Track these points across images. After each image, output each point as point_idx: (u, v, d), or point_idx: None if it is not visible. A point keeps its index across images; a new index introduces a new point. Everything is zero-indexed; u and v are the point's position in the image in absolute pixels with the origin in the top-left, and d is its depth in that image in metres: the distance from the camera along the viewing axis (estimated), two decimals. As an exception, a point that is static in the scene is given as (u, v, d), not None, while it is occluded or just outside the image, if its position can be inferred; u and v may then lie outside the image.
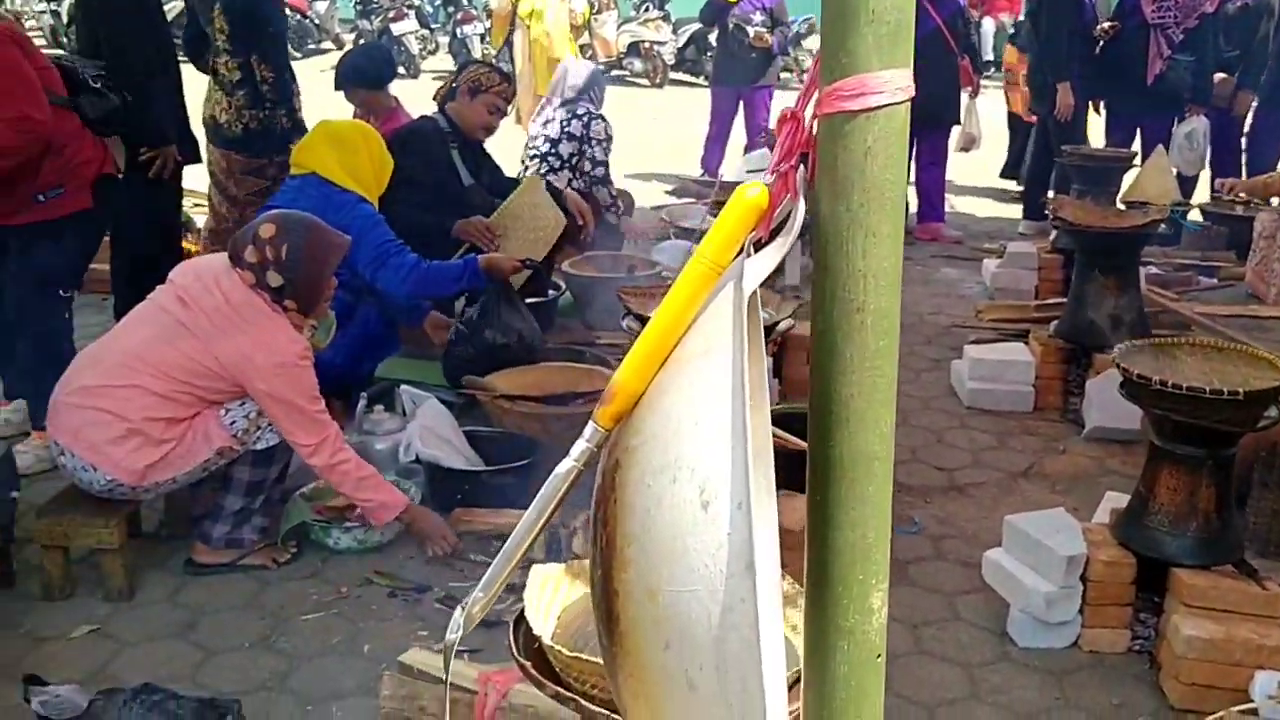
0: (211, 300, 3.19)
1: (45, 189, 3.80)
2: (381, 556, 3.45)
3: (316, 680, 2.85)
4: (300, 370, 3.20)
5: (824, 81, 0.92)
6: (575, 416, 3.93)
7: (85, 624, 3.08)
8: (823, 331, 0.96)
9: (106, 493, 3.16)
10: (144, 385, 3.12)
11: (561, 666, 1.56)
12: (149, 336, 3.18)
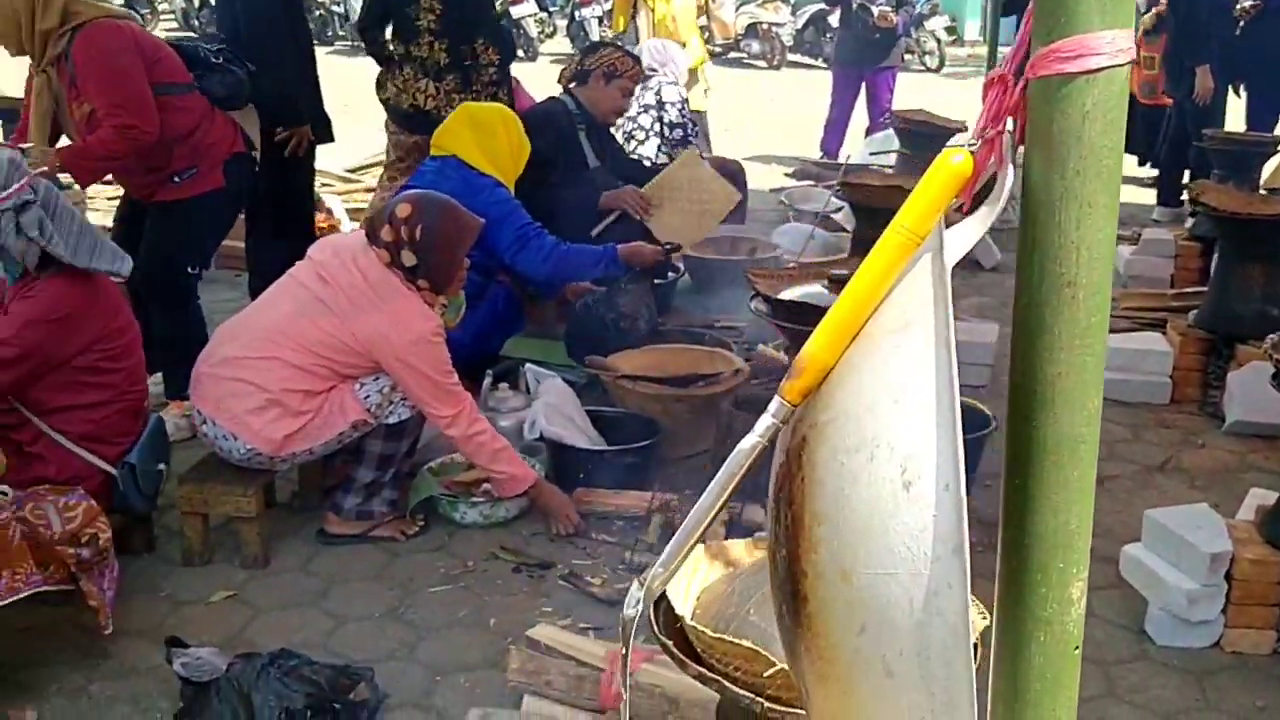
0: (349, 277, 3.25)
1: (180, 171, 3.91)
2: (506, 532, 3.48)
3: (444, 651, 2.88)
4: (434, 345, 3.24)
5: (1039, 41, 0.87)
6: (697, 399, 3.92)
7: (223, 590, 3.16)
8: (1028, 306, 0.91)
9: (245, 461, 3.24)
10: (283, 358, 3.19)
11: (704, 647, 1.54)
12: (289, 311, 3.25)
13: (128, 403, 3.11)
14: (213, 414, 3.23)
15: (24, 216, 2.83)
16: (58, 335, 2.93)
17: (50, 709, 2.63)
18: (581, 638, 2.69)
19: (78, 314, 2.97)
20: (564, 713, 2.50)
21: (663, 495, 3.44)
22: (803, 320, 2.90)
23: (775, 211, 7.49)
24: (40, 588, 2.50)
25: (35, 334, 2.91)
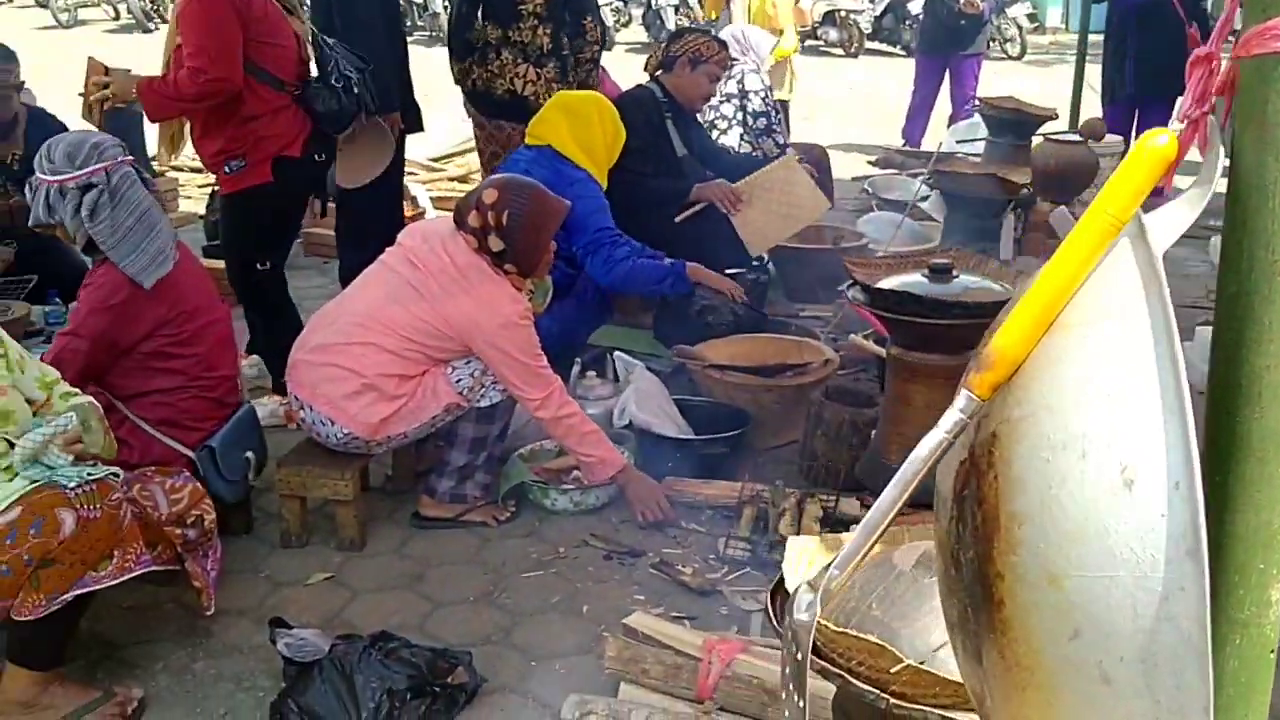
0: (438, 263, 3.27)
1: (231, 156, 3.91)
2: (596, 519, 3.49)
3: (538, 637, 2.90)
4: (523, 328, 3.26)
5: (1254, 19, 0.83)
6: (786, 389, 3.89)
7: (320, 572, 3.21)
8: (1234, 295, 0.88)
9: (342, 446, 3.29)
10: (377, 343, 3.22)
11: (825, 641, 1.52)
12: (381, 297, 3.29)
13: (203, 388, 3.15)
14: (309, 400, 3.27)
15: (85, 196, 2.90)
16: (118, 321, 2.98)
17: (155, 687, 2.69)
18: (679, 627, 2.68)
19: (134, 300, 2.99)
20: (661, 701, 2.49)
21: (753, 486, 3.42)
22: (902, 310, 2.86)
23: (858, 200, 7.41)
24: (149, 568, 2.55)
25: (98, 321, 2.98)
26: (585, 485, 3.52)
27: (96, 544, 2.41)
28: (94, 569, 2.42)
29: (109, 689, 2.62)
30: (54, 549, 2.35)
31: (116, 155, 2.97)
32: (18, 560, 2.33)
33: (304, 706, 2.48)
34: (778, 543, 3.21)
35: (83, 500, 2.44)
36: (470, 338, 3.23)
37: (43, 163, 2.92)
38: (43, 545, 2.35)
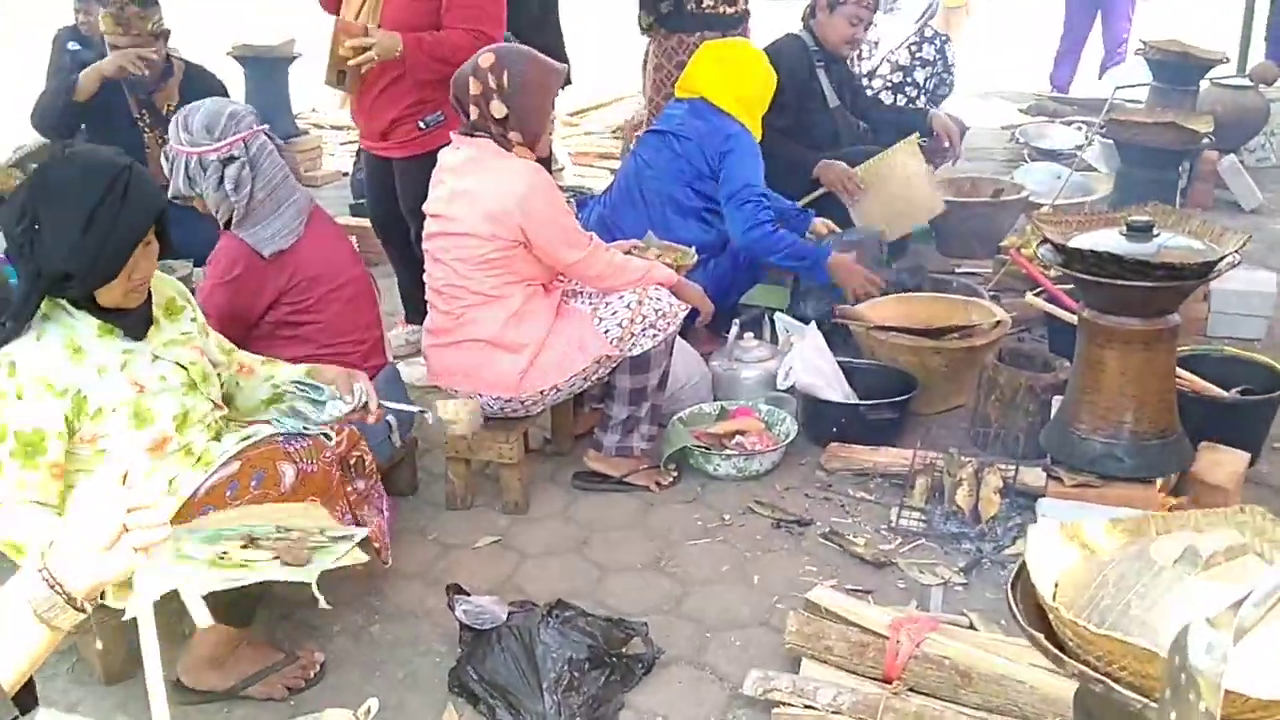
0: (459, 177, 3.20)
1: (429, 110, 3.88)
2: (760, 485, 3.41)
3: (711, 607, 2.84)
4: (546, 189, 3.17)
5: None
6: (956, 351, 3.74)
7: (487, 535, 3.20)
8: None
9: (501, 412, 3.26)
10: (470, 301, 3.20)
11: (1080, 642, 1.41)
12: (452, 257, 3.23)
13: (335, 354, 3.10)
14: (450, 384, 3.29)
15: (228, 170, 2.88)
16: (240, 295, 2.98)
17: (335, 649, 2.71)
18: (864, 604, 2.59)
19: (253, 271, 2.98)
20: (846, 680, 2.42)
21: (924, 454, 3.29)
22: (1101, 271, 2.69)
23: (1007, 149, 7.13)
24: (352, 527, 2.54)
25: (221, 297, 2.98)
26: (748, 452, 3.44)
27: (309, 499, 2.42)
28: None
29: (291, 651, 2.64)
30: (273, 501, 2.38)
31: (252, 125, 2.95)
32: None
33: (483, 674, 2.47)
34: (954, 513, 3.09)
35: (302, 455, 2.48)
36: (508, 224, 3.11)
37: (179, 133, 2.89)
38: (263, 497, 2.38)
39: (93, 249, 2.20)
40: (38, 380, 2.25)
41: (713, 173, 3.98)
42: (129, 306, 2.36)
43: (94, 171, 2.22)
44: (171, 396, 2.42)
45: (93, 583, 1.31)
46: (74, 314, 2.32)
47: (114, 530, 1.30)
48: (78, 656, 2.66)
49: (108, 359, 2.33)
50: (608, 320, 3.22)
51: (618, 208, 4.11)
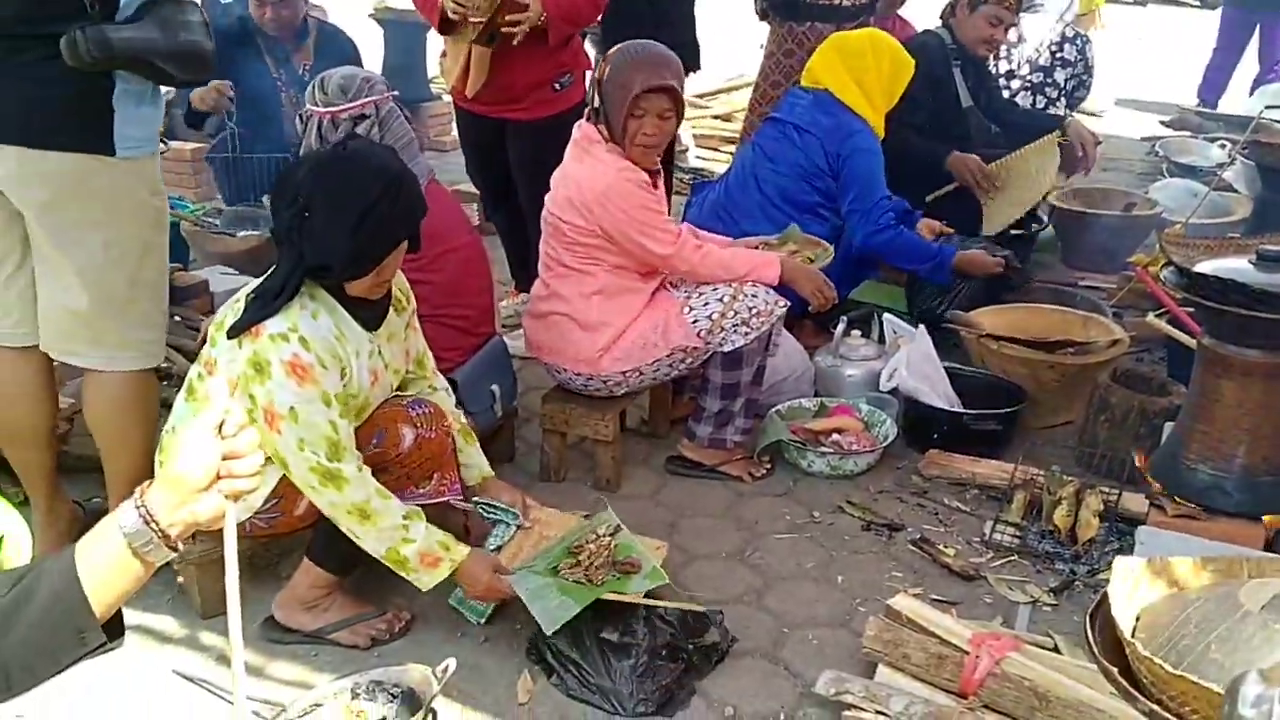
0: (568, 157, 3.24)
1: (562, 72, 3.93)
2: (853, 486, 3.39)
3: (792, 603, 2.83)
4: (629, 185, 3.13)
5: None
6: (1069, 367, 3.65)
7: (577, 509, 3.23)
8: None
9: (585, 389, 3.30)
10: (557, 273, 3.23)
11: (1154, 680, 1.38)
12: (548, 232, 3.28)
13: (448, 317, 3.17)
14: (539, 356, 3.34)
15: (358, 128, 2.98)
16: None
17: (420, 607, 2.77)
18: (947, 616, 2.55)
19: None
20: (920, 690, 2.39)
21: (1027, 469, 3.23)
22: (1225, 299, 2.60)
23: (1145, 162, 6.90)
24: (457, 497, 2.61)
25: None
26: (845, 451, 3.41)
27: (425, 463, 2.50)
28: (417, 485, 2.51)
29: (380, 605, 2.72)
30: (389, 460, 2.46)
31: (383, 91, 3.05)
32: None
33: (561, 649, 2.51)
34: (1050, 532, 3.03)
35: (422, 421, 2.56)
36: (582, 214, 3.14)
37: (315, 94, 3.00)
38: (380, 455, 2.45)
39: (357, 247, 2.30)
40: (325, 350, 2.35)
41: (831, 169, 3.93)
42: (372, 298, 2.46)
43: (373, 174, 2.31)
44: (382, 394, 2.56)
45: (185, 522, 1.36)
46: (333, 301, 2.43)
47: (208, 475, 1.35)
48: (178, 589, 2.78)
49: (359, 346, 2.45)
50: (698, 311, 3.21)
51: (733, 194, 4.09)
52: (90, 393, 2.67)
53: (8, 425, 2.72)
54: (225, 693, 2.44)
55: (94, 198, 2.48)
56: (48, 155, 2.42)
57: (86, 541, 1.38)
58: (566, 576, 2.55)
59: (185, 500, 1.36)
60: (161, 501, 1.36)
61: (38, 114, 2.40)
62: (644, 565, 2.63)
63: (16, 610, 1.33)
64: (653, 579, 2.60)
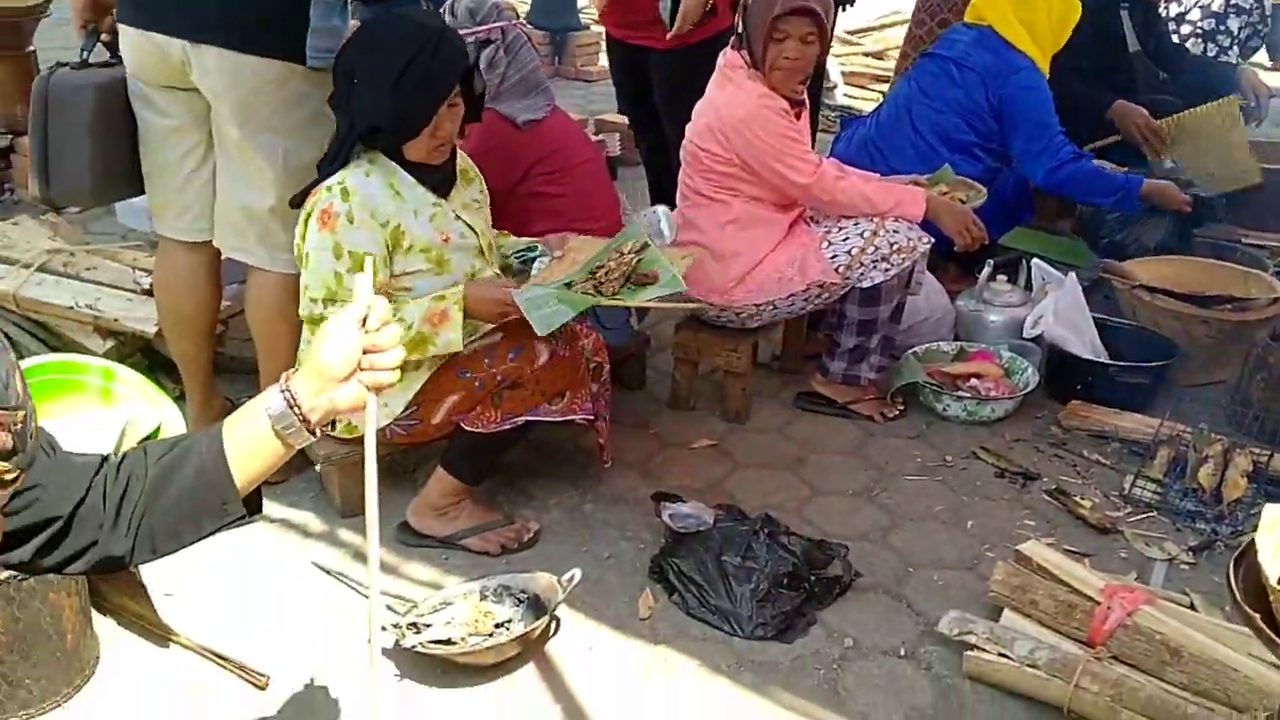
0: (711, 84, 3.21)
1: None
2: (989, 432, 3.32)
3: (918, 543, 2.80)
4: (768, 112, 3.08)
5: None
6: (1225, 323, 3.50)
7: (705, 438, 3.26)
8: None
9: (717, 320, 3.29)
10: (695, 201, 3.21)
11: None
12: (688, 158, 3.26)
13: (579, 230, 3.19)
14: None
15: (484, 51, 3.05)
16: (496, 165, 3.10)
17: (549, 520, 2.84)
18: (1078, 565, 2.50)
19: (509, 141, 3.17)
20: (1047, 636, 2.35)
21: (1173, 425, 3.11)
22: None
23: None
24: (587, 415, 2.64)
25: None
26: (982, 396, 3.34)
27: (558, 380, 2.55)
28: (549, 401, 2.56)
29: (509, 515, 2.79)
30: (525, 375, 2.51)
31: (511, 18, 3.13)
32: (491, 379, 2.51)
33: (683, 570, 2.54)
34: (1193, 490, 2.93)
35: (557, 338, 2.59)
36: (720, 141, 3.11)
37: (445, 17, 3.08)
38: (516, 370, 2.50)
39: (401, 103, 2.38)
40: (364, 206, 2.44)
41: (991, 109, 3.81)
42: (433, 163, 2.52)
43: (409, 31, 2.40)
44: (466, 255, 2.59)
45: (325, 408, 1.41)
46: (392, 164, 2.51)
47: (349, 364, 1.39)
48: (320, 488, 2.89)
49: (420, 206, 2.52)
50: (837, 247, 3.16)
51: (884, 131, 4.00)
52: (253, 291, 2.79)
53: (176, 317, 2.86)
54: (359, 586, 2.54)
55: (283, 103, 2.57)
56: (247, 59, 2.52)
57: (234, 420, 1.44)
58: (579, 290, 2.57)
59: (326, 388, 1.40)
60: (304, 387, 1.40)
61: (240, 18, 2.50)
62: (662, 276, 2.64)
63: (166, 477, 1.40)
64: (670, 287, 2.61)
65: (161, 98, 2.64)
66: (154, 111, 2.67)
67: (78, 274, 3.33)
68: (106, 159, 2.69)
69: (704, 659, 2.38)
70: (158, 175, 2.74)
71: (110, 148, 2.68)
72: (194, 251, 2.81)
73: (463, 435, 2.60)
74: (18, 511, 1.29)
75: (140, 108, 2.68)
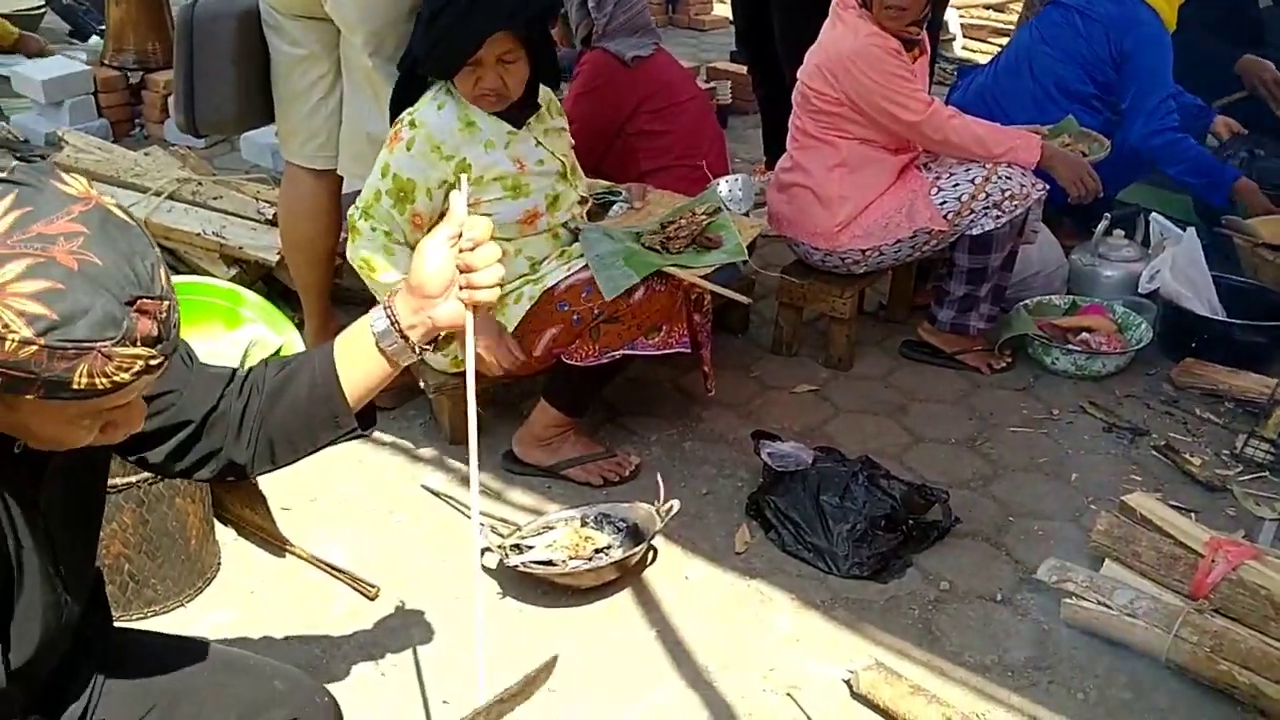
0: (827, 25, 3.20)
1: None
2: (1098, 387, 3.26)
3: (1019, 493, 2.78)
4: (877, 50, 3.04)
5: None
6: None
7: (806, 384, 3.26)
8: None
9: (823, 264, 3.28)
10: (801, 144, 3.21)
11: None
12: (799, 99, 3.24)
13: (686, 170, 3.26)
14: (778, 227, 3.32)
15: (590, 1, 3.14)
16: (603, 102, 3.19)
17: (649, 456, 2.89)
18: (1183, 517, 2.46)
19: (616, 78, 3.25)
20: (1148, 588, 2.32)
21: (1291, 385, 3.03)
22: None
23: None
24: (684, 349, 2.66)
25: (585, 107, 3.27)
26: (1093, 350, 3.28)
27: (654, 314, 2.57)
28: (645, 335, 2.59)
29: (610, 448, 2.84)
30: (621, 309, 2.54)
31: None
32: (589, 313, 2.55)
33: (781, 508, 2.56)
34: None
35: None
36: (829, 79, 3.09)
37: None
38: (613, 304, 2.53)
39: (432, 41, 2.46)
40: (428, 140, 2.51)
41: (1113, 60, 3.71)
42: (482, 108, 2.55)
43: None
44: (546, 179, 2.63)
45: (425, 325, 1.44)
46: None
47: (443, 282, 1.42)
48: (431, 415, 2.98)
49: (495, 136, 2.56)
50: (946, 193, 3.12)
51: (1001, 80, 3.92)
52: None
53: (298, 242, 2.97)
54: (465, 508, 2.63)
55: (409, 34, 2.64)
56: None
57: (343, 338, 1.49)
58: (646, 243, 2.66)
59: (423, 305, 1.43)
60: (404, 305, 1.44)
61: None
62: (727, 241, 2.72)
63: (283, 391, 1.47)
64: (732, 255, 2.69)
65: (294, 27, 2.73)
66: (286, 40, 2.75)
67: (205, 203, 3.46)
68: (246, 87, 2.81)
69: (798, 593, 2.41)
70: (287, 103, 2.83)
71: (249, 76, 2.80)
72: (318, 179, 2.90)
73: (563, 368, 2.65)
74: (157, 413, 1.37)
75: (272, 36, 2.77)
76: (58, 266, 0.99)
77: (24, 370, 1.00)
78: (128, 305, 1.02)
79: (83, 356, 1.01)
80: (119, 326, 1.02)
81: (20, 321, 0.98)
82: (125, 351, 1.03)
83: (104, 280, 1.01)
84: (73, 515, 1.31)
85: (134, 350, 1.04)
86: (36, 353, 0.99)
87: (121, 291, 1.02)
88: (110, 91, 5.02)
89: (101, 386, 1.04)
